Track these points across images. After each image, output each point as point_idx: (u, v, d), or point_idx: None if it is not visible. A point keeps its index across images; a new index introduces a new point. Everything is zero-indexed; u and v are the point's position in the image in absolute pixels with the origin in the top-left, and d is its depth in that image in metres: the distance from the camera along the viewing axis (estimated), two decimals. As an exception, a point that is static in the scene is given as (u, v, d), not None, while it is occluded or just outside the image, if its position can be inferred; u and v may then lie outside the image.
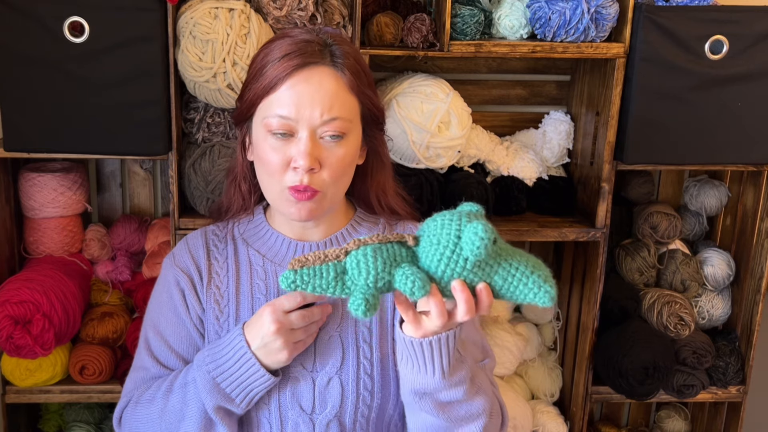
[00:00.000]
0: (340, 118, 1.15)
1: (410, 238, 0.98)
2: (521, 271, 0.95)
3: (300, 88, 1.13)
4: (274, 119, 1.13)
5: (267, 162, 1.15)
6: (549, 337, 2.14)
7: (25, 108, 1.60)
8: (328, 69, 1.15)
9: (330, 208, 1.22)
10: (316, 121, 1.13)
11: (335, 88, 1.15)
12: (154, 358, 1.24)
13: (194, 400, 1.15)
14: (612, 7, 1.71)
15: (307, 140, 1.13)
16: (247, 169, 1.27)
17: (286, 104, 1.13)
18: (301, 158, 1.13)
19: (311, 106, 1.13)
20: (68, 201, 1.85)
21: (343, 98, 1.16)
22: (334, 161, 1.16)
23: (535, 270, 0.96)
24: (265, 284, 1.24)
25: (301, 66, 1.13)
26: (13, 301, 1.68)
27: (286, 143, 1.14)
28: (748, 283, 2.02)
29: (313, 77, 1.14)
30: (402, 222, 1.32)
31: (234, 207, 1.30)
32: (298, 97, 1.13)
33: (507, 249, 0.97)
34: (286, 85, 1.13)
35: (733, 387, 2.02)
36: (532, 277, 0.95)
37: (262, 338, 1.12)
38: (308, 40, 1.16)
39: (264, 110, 1.15)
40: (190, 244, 1.28)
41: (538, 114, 2.05)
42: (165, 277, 1.27)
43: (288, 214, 1.18)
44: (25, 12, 1.54)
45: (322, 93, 1.13)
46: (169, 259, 1.28)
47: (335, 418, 1.19)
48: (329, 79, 1.15)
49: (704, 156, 1.81)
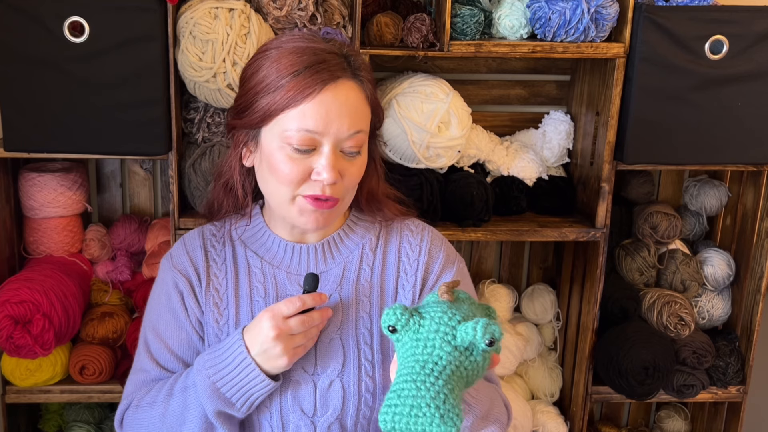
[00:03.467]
0: (363, 131, 1.16)
1: (446, 295, 0.99)
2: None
3: (329, 103, 1.12)
4: (299, 133, 1.12)
5: (281, 172, 1.14)
6: (549, 337, 2.14)
7: (25, 108, 1.60)
8: (352, 82, 1.15)
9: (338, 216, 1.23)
10: (343, 135, 1.13)
11: (358, 101, 1.15)
12: (153, 360, 1.23)
13: (195, 404, 1.15)
14: (612, 7, 1.71)
15: (330, 154, 1.13)
16: (243, 174, 1.25)
17: (312, 118, 1.11)
18: (325, 172, 1.12)
19: (339, 121, 1.12)
20: (68, 201, 1.85)
21: (363, 111, 1.16)
22: (354, 171, 1.17)
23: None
24: (264, 287, 1.23)
25: (329, 81, 1.12)
26: (13, 301, 1.68)
27: (307, 156, 1.14)
28: (748, 283, 2.02)
29: (340, 92, 1.13)
30: (399, 220, 1.31)
31: (225, 209, 1.29)
32: (326, 111, 1.11)
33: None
34: (316, 100, 1.11)
35: (733, 387, 2.02)
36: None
37: (261, 344, 1.12)
38: (326, 50, 1.14)
39: (285, 122, 1.13)
40: (188, 246, 1.27)
41: (538, 114, 2.05)
42: (163, 279, 1.27)
43: (300, 223, 1.18)
44: (25, 12, 1.54)
45: (348, 107, 1.13)
46: (167, 260, 1.27)
47: (337, 421, 1.19)
48: (354, 92, 1.15)
49: (704, 156, 1.81)
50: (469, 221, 1.82)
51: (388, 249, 1.27)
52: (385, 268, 1.26)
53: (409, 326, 0.94)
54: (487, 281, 2.12)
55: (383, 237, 1.29)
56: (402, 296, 1.24)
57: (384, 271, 1.26)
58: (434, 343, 0.92)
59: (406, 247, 1.27)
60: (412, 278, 1.25)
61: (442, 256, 1.27)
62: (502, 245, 2.17)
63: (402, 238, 1.28)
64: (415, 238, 1.28)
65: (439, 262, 1.26)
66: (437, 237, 1.30)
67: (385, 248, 1.28)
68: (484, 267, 2.18)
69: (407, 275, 1.25)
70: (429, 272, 1.25)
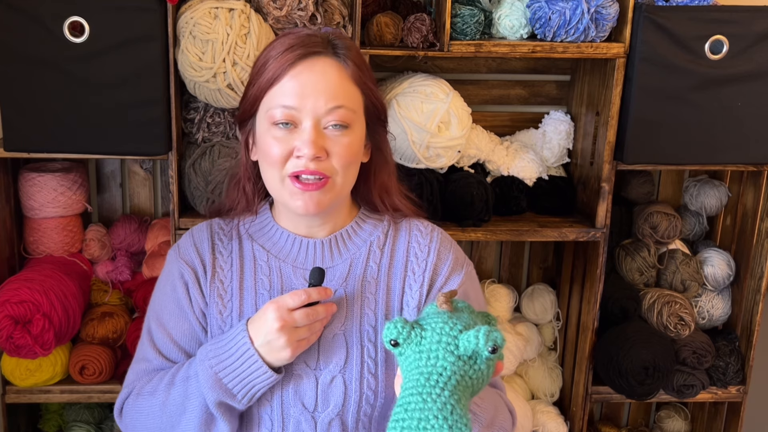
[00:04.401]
0: (345, 107, 1.15)
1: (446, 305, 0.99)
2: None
3: (303, 77, 1.13)
4: (278, 110, 1.13)
5: (269, 153, 1.15)
6: (549, 337, 2.14)
7: (25, 108, 1.60)
8: (331, 59, 1.16)
9: (336, 202, 1.21)
10: (321, 110, 1.13)
11: (338, 77, 1.15)
12: (156, 349, 1.23)
13: (196, 394, 1.15)
14: (612, 7, 1.71)
15: (311, 129, 1.13)
16: (251, 170, 1.27)
17: (289, 94, 1.13)
18: (305, 147, 1.12)
19: (315, 95, 1.13)
20: (68, 201, 1.85)
21: (346, 88, 1.16)
22: (341, 149, 1.15)
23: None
24: (269, 280, 1.23)
25: (304, 56, 1.13)
26: (13, 301, 1.68)
27: (290, 134, 1.14)
28: (748, 283, 2.02)
29: (316, 66, 1.14)
30: (407, 219, 1.31)
31: (238, 208, 1.30)
32: (301, 86, 1.13)
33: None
34: (289, 75, 1.13)
35: (733, 387, 2.02)
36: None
37: (265, 335, 1.12)
38: (310, 34, 1.17)
39: (267, 103, 1.15)
40: (196, 238, 1.28)
41: (538, 114, 2.05)
42: (169, 270, 1.27)
43: (294, 208, 1.18)
44: (25, 12, 1.54)
45: (325, 82, 1.14)
46: (174, 251, 1.28)
47: (337, 417, 1.19)
48: (332, 68, 1.15)
49: (704, 156, 1.81)
50: (469, 221, 1.82)
51: (396, 247, 1.27)
52: (392, 266, 1.26)
53: (411, 339, 0.94)
54: (487, 281, 2.13)
55: (392, 235, 1.28)
56: (409, 296, 1.24)
57: (391, 269, 1.25)
58: (437, 354, 0.92)
59: (415, 247, 1.27)
60: (420, 278, 1.24)
61: (451, 258, 1.26)
62: (502, 245, 2.17)
63: (411, 237, 1.28)
64: (425, 239, 1.27)
65: (447, 264, 1.25)
66: (446, 239, 1.30)
67: (393, 246, 1.27)
68: (484, 267, 2.18)
69: (415, 275, 1.25)
70: (437, 273, 1.25)
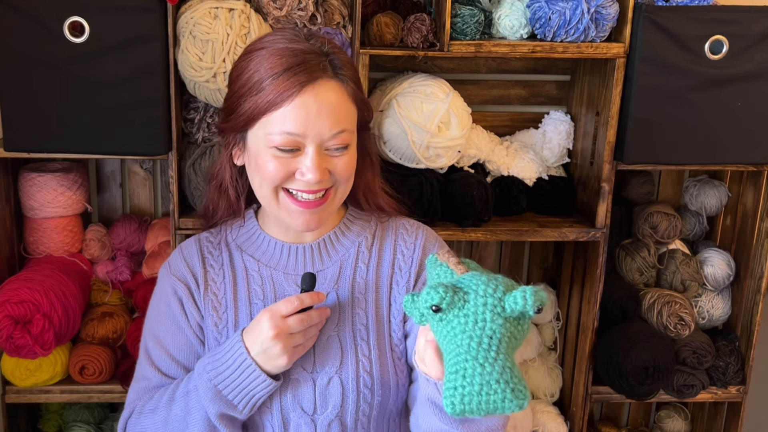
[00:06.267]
0: (347, 130, 1.15)
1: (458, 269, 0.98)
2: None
3: (308, 105, 1.11)
4: (281, 136, 1.12)
5: (266, 170, 1.15)
6: (549, 337, 2.14)
7: (25, 108, 1.60)
8: (333, 82, 1.14)
9: (334, 211, 1.22)
10: (325, 136, 1.13)
11: (340, 101, 1.14)
12: (155, 367, 1.24)
13: (197, 408, 1.15)
14: (612, 7, 1.71)
15: (314, 155, 1.13)
16: (235, 174, 1.26)
17: (292, 121, 1.11)
18: (309, 173, 1.13)
19: (319, 122, 1.12)
20: (68, 201, 1.85)
21: (347, 109, 1.16)
22: (342, 167, 1.16)
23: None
24: (262, 289, 1.24)
25: (308, 82, 1.11)
26: (13, 301, 1.68)
27: (292, 156, 1.14)
28: (748, 283, 2.02)
29: (320, 93, 1.12)
30: (394, 219, 1.33)
31: (220, 211, 1.30)
32: (306, 113, 1.11)
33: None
34: (294, 103, 1.11)
35: (733, 387, 2.02)
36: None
37: (261, 344, 1.12)
38: (306, 51, 1.14)
39: (267, 126, 1.13)
40: (185, 252, 1.28)
41: (538, 114, 2.05)
42: (162, 287, 1.27)
43: (295, 226, 1.19)
44: (25, 12, 1.54)
45: (328, 107, 1.12)
46: (165, 268, 1.28)
47: (336, 418, 1.19)
48: (334, 93, 1.14)
49: (704, 156, 1.81)
50: (469, 221, 1.82)
51: (384, 246, 1.29)
52: (380, 266, 1.27)
53: (454, 303, 0.90)
54: (487, 281, 2.12)
55: (379, 235, 1.30)
56: (396, 292, 1.25)
57: (379, 269, 1.27)
58: (485, 317, 0.89)
59: (401, 245, 1.28)
60: (406, 274, 1.26)
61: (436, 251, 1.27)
62: (502, 245, 2.17)
63: (397, 236, 1.29)
64: (411, 236, 1.29)
65: None
66: (432, 235, 1.31)
67: (380, 246, 1.28)
68: (484, 267, 2.16)
69: (401, 272, 1.26)
70: (423, 268, 1.26)
